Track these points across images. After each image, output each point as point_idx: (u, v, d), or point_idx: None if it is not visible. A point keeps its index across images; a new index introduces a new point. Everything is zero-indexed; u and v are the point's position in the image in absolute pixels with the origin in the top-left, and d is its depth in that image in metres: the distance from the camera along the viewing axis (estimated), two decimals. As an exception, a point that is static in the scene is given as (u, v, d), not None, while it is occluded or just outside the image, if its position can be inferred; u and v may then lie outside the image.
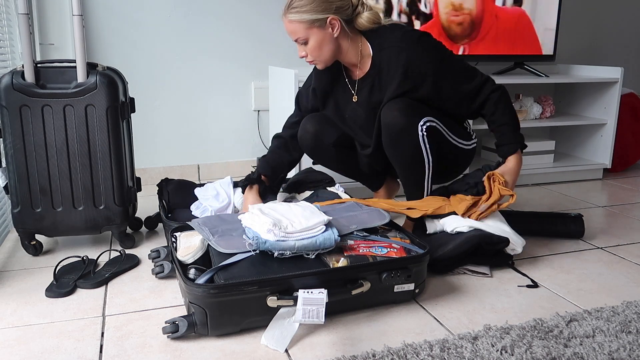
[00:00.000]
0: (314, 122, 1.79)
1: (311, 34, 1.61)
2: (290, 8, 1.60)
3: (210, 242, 1.36)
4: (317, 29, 1.61)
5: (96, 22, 2.30)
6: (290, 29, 1.63)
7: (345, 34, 1.64)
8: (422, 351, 1.12)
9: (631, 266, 1.63)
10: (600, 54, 3.22)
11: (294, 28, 1.62)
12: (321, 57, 1.66)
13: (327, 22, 1.60)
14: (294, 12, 1.59)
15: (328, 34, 1.62)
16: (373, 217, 1.54)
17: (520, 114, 2.54)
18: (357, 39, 1.67)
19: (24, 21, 1.54)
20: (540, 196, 2.37)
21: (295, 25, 1.61)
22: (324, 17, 1.59)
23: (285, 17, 1.62)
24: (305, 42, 1.63)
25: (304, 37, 1.62)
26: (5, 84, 1.53)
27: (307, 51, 1.65)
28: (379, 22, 1.66)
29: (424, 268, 1.37)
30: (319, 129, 1.78)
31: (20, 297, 1.40)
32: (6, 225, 1.85)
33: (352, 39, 1.66)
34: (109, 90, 1.58)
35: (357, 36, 1.67)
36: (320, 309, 1.17)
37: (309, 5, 1.58)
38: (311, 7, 1.58)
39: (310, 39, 1.62)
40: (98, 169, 1.62)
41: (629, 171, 2.86)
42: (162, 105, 2.48)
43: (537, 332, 1.21)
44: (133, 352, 1.14)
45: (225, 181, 1.82)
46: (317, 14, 1.58)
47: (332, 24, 1.61)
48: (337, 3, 1.60)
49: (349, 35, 1.65)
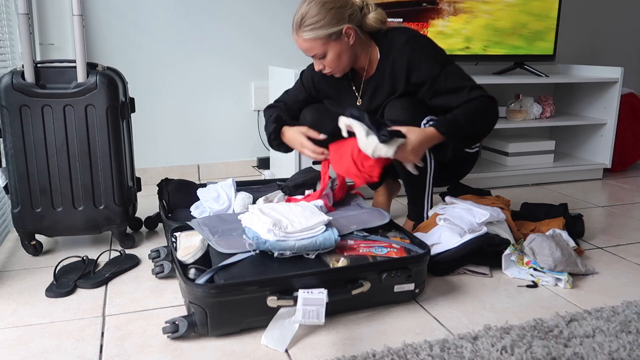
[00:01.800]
0: (313, 112, 1.77)
1: (329, 48, 1.57)
2: (303, 26, 1.54)
3: (210, 242, 1.36)
4: (334, 42, 1.56)
5: (96, 22, 2.30)
6: (306, 47, 1.57)
7: (359, 39, 1.61)
8: (422, 351, 1.12)
9: (631, 266, 1.63)
10: (600, 54, 3.22)
11: (309, 46, 1.56)
12: (340, 67, 1.62)
13: (343, 33, 1.56)
14: (308, 30, 1.53)
15: (345, 44, 1.58)
16: (373, 217, 1.54)
17: (520, 114, 2.54)
18: (368, 43, 1.65)
19: (24, 21, 1.54)
20: (540, 196, 2.37)
21: (310, 43, 1.55)
22: (340, 28, 1.54)
23: (299, 36, 1.56)
24: (324, 56, 1.59)
25: (322, 52, 1.57)
26: (5, 84, 1.53)
27: (325, 64, 1.61)
28: (385, 20, 1.64)
29: (424, 268, 1.37)
30: (316, 119, 1.75)
31: (20, 297, 1.40)
32: (6, 226, 1.85)
33: (365, 43, 1.64)
34: (109, 90, 1.58)
35: (369, 40, 1.65)
36: (320, 310, 1.17)
37: (323, 20, 1.52)
38: (326, 22, 1.53)
39: (328, 53, 1.57)
40: (98, 169, 1.62)
41: (629, 171, 2.86)
42: (162, 105, 2.48)
43: (537, 332, 1.21)
44: (133, 352, 1.14)
45: (227, 183, 1.82)
46: (332, 27, 1.53)
47: (347, 33, 1.56)
48: (349, 11, 1.56)
49: (362, 40, 1.63)
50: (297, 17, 1.56)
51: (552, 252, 1.48)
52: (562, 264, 1.48)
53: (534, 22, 2.59)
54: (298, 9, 1.57)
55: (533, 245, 1.54)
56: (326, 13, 1.53)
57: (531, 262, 1.52)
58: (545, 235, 1.55)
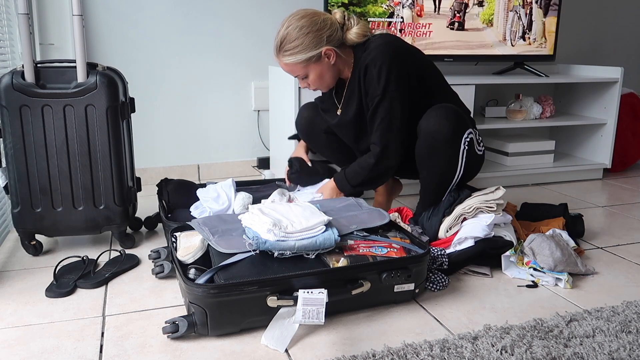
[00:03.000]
0: (309, 109, 1.87)
1: (310, 70, 1.62)
2: (282, 50, 1.59)
3: (210, 242, 1.36)
4: (314, 64, 1.61)
5: (96, 22, 2.30)
6: (287, 69, 1.64)
7: (340, 57, 1.64)
8: (422, 351, 1.12)
9: (631, 266, 1.63)
10: (600, 54, 3.22)
11: (290, 69, 1.64)
12: (323, 85, 1.68)
13: (323, 54, 1.60)
14: (287, 55, 1.59)
15: (326, 64, 1.62)
16: (373, 217, 1.54)
17: (520, 114, 2.54)
18: (351, 55, 1.67)
19: (24, 21, 1.54)
20: (540, 196, 2.37)
21: (291, 66, 1.62)
22: (319, 51, 1.59)
23: (279, 59, 1.63)
24: (306, 76, 1.65)
25: (303, 74, 1.64)
26: (5, 84, 1.53)
27: (308, 82, 1.67)
28: (368, 34, 1.65)
29: (424, 268, 1.37)
30: (312, 115, 1.86)
31: (20, 297, 1.40)
32: (6, 226, 1.85)
33: (347, 56, 1.66)
34: (108, 90, 1.58)
35: (351, 53, 1.67)
36: (320, 310, 1.17)
37: (300, 45, 1.57)
38: (303, 47, 1.57)
39: (310, 74, 1.64)
40: (98, 169, 1.62)
41: (629, 171, 2.86)
42: (162, 105, 2.48)
43: (537, 332, 1.21)
44: (133, 352, 1.14)
45: (227, 183, 1.82)
46: (310, 51, 1.58)
47: (327, 54, 1.61)
48: (327, 32, 1.59)
49: (344, 57, 1.65)
50: (277, 41, 1.61)
51: (552, 252, 1.48)
52: (562, 264, 1.48)
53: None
54: (278, 31, 1.61)
55: (533, 245, 1.54)
56: (304, 38, 1.57)
57: (531, 262, 1.52)
58: (545, 235, 1.55)
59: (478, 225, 1.55)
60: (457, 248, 1.54)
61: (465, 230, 1.56)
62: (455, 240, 1.56)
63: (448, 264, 1.48)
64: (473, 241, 1.53)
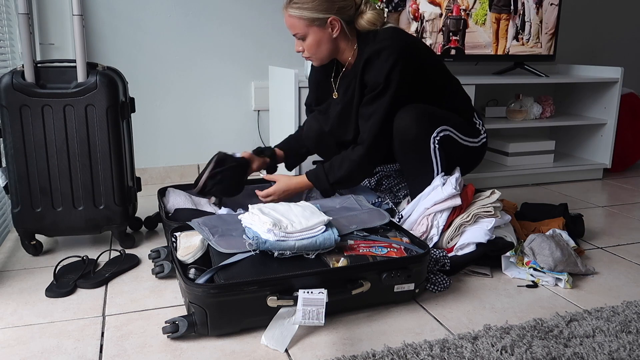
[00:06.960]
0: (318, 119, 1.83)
1: (310, 32, 1.61)
2: (291, 2, 1.60)
3: (210, 242, 1.36)
4: (316, 27, 1.60)
5: (96, 22, 2.30)
6: (289, 23, 1.63)
7: (344, 34, 1.64)
8: (422, 351, 1.12)
9: (631, 266, 1.63)
10: (600, 54, 3.22)
11: (292, 23, 1.62)
12: (317, 55, 1.66)
13: (328, 22, 1.60)
14: (295, 8, 1.59)
15: (327, 34, 1.62)
16: (373, 217, 1.54)
17: (520, 114, 2.54)
18: (355, 41, 1.67)
19: (24, 21, 1.54)
20: (540, 196, 2.37)
21: (294, 20, 1.61)
22: (325, 17, 1.59)
23: (286, 11, 1.62)
24: (304, 38, 1.63)
25: (302, 33, 1.62)
26: (5, 84, 1.53)
27: (304, 47, 1.65)
28: (378, 23, 1.64)
29: (424, 268, 1.37)
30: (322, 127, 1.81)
31: (20, 297, 1.40)
32: (6, 225, 1.85)
33: (350, 40, 1.66)
34: (109, 90, 1.58)
35: (355, 38, 1.67)
36: (320, 311, 1.17)
37: (311, 3, 1.57)
38: (313, 5, 1.57)
39: (308, 36, 1.62)
40: (98, 169, 1.62)
41: (629, 171, 2.86)
42: (162, 105, 2.48)
43: (537, 332, 1.21)
44: (133, 352, 1.14)
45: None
46: (318, 12, 1.58)
47: (332, 24, 1.60)
48: (340, 3, 1.59)
49: (348, 36, 1.65)
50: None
51: (552, 252, 1.48)
52: (562, 264, 1.48)
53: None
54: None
55: (533, 245, 1.54)
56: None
57: (531, 262, 1.52)
58: (545, 235, 1.55)
59: (480, 231, 1.55)
60: (459, 253, 1.54)
61: (467, 237, 1.55)
62: (457, 246, 1.56)
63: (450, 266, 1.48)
64: (475, 246, 1.53)
